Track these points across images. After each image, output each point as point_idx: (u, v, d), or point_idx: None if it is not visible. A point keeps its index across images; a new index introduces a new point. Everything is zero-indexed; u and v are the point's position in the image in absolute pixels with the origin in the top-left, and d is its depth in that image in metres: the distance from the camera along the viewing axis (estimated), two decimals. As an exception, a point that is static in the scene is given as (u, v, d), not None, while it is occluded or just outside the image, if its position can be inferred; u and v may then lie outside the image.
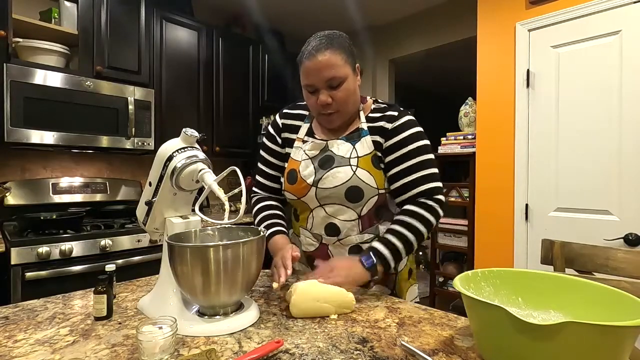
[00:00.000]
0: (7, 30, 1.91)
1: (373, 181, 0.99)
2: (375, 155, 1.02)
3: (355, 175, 0.99)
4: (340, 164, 1.01)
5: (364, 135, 1.03)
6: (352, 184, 0.99)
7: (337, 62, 0.96)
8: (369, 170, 1.00)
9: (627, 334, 0.52)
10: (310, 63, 0.96)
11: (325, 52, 0.95)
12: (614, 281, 0.97)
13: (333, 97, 0.98)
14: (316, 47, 0.96)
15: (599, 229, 1.94)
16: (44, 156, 2.38)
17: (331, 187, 1.00)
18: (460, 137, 2.69)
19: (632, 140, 1.85)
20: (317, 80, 0.97)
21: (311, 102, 1.02)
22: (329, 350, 0.66)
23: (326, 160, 1.03)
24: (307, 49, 0.98)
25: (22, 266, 1.73)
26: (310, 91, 1.00)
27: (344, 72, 0.97)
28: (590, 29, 1.97)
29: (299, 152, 1.08)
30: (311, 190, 1.03)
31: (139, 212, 0.93)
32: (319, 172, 1.02)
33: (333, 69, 0.96)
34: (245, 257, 0.75)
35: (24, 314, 0.83)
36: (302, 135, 1.10)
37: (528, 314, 0.72)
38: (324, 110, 1.00)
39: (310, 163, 1.05)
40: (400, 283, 1.08)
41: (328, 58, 0.95)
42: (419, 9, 3.31)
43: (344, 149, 1.03)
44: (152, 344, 0.61)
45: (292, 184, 1.07)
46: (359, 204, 1.01)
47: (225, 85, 2.98)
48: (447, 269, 2.87)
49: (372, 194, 1.00)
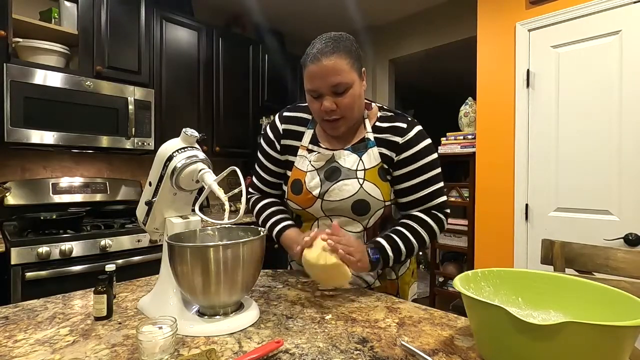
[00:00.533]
0: (7, 30, 1.91)
1: (379, 194, 0.98)
2: (381, 168, 1.00)
3: (362, 188, 0.97)
4: (347, 177, 0.99)
5: (371, 147, 1.00)
6: (358, 197, 0.97)
7: (343, 68, 0.91)
8: (376, 183, 0.98)
9: (627, 334, 0.52)
10: (315, 67, 0.92)
11: (331, 57, 0.91)
12: (614, 281, 0.97)
13: (338, 103, 0.94)
14: (322, 50, 0.91)
15: (599, 229, 1.94)
16: (44, 156, 2.38)
17: (338, 199, 0.98)
18: (460, 137, 2.69)
19: (632, 140, 1.85)
20: (321, 86, 0.93)
21: (315, 107, 0.98)
22: (329, 350, 0.66)
23: (332, 171, 1.01)
24: (312, 52, 0.93)
25: (22, 266, 1.73)
26: (314, 96, 0.96)
27: (350, 77, 0.93)
28: (590, 29, 1.97)
29: (304, 162, 1.05)
30: (317, 202, 1.01)
31: (139, 212, 0.93)
32: (325, 184, 1.00)
33: (339, 75, 0.91)
34: (245, 257, 0.75)
35: (24, 314, 0.83)
36: (307, 144, 1.06)
37: (528, 314, 0.72)
38: (328, 117, 0.96)
39: (316, 174, 1.02)
40: (403, 286, 1.09)
41: (334, 63, 0.91)
42: (419, 9, 3.31)
43: (351, 161, 1.00)
44: (152, 344, 0.61)
45: (296, 194, 1.04)
46: (365, 217, 0.99)
47: (225, 85, 2.98)
48: (447, 269, 2.87)
49: (379, 206, 0.99)
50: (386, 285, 1.06)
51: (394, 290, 1.07)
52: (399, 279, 1.07)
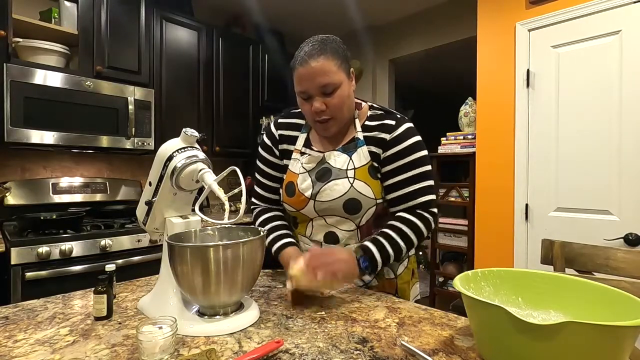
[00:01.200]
0: (7, 30, 1.91)
1: (370, 192, 0.99)
2: (371, 166, 1.01)
3: (352, 187, 0.98)
4: (337, 177, 1.00)
5: (360, 146, 1.02)
6: (349, 197, 0.98)
7: (330, 69, 0.93)
8: (366, 181, 0.99)
9: (627, 334, 0.52)
10: (303, 70, 0.94)
11: (319, 59, 0.93)
12: (614, 281, 0.97)
13: (327, 103, 0.96)
14: (309, 52, 0.93)
15: (599, 229, 1.94)
16: (44, 156, 2.38)
17: (329, 199, 0.99)
18: (460, 137, 2.69)
19: (632, 140, 1.85)
20: (310, 87, 0.95)
21: (305, 109, 1.00)
22: (329, 350, 0.66)
23: (323, 172, 1.02)
24: (300, 55, 0.95)
25: (22, 266, 1.72)
26: (304, 98, 0.98)
27: (337, 78, 0.94)
28: (590, 29, 1.97)
29: (297, 164, 1.07)
30: (309, 203, 1.02)
31: (139, 212, 0.93)
32: (317, 185, 1.01)
33: (327, 76, 0.93)
34: (245, 257, 0.75)
35: (24, 314, 0.83)
36: (300, 147, 1.09)
37: (528, 314, 0.72)
38: (318, 117, 0.98)
39: (307, 176, 1.04)
40: (402, 285, 1.08)
41: (322, 65, 0.92)
42: (419, 9, 3.31)
43: (341, 161, 1.02)
44: (152, 344, 0.61)
45: (290, 196, 1.06)
46: (357, 216, 1.00)
47: (225, 85, 2.98)
48: (447, 269, 2.87)
49: (370, 204, 0.99)
50: (384, 284, 1.06)
51: (393, 289, 1.07)
52: (397, 278, 1.07)
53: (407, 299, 1.08)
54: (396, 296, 1.04)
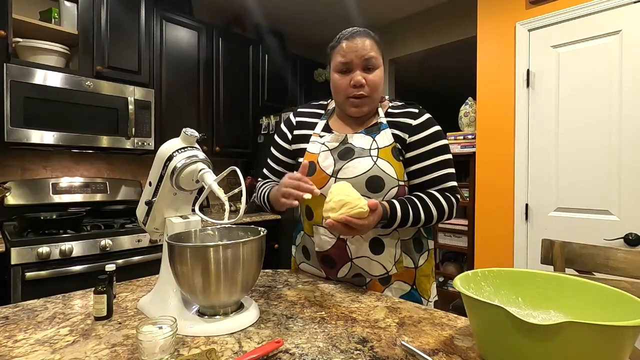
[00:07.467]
0: (7, 30, 1.91)
1: (393, 172, 0.99)
2: (395, 147, 1.02)
3: (376, 165, 0.99)
4: (360, 155, 1.01)
5: (384, 128, 1.04)
6: (373, 174, 0.98)
7: (374, 48, 1.01)
8: (389, 161, 1.00)
9: (627, 334, 0.52)
10: (350, 43, 1.00)
11: (365, 38, 1.01)
12: (614, 281, 0.97)
13: (366, 79, 1.00)
14: (355, 32, 1.02)
15: (599, 228, 1.94)
16: (44, 156, 2.38)
17: (352, 177, 0.99)
18: (460, 137, 2.69)
19: (632, 140, 1.85)
20: (355, 57, 1.00)
21: (343, 82, 1.02)
22: (329, 350, 0.66)
23: (346, 151, 1.03)
24: (344, 34, 1.03)
25: (22, 266, 1.73)
26: (344, 70, 1.02)
27: (379, 59, 1.02)
28: (590, 29, 1.97)
29: (317, 145, 1.08)
30: (330, 180, 1.01)
31: (139, 212, 0.93)
32: (339, 162, 1.02)
33: (372, 51, 1.00)
34: (245, 257, 0.75)
35: (24, 314, 0.83)
36: (319, 131, 1.10)
37: (528, 314, 0.72)
38: (356, 92, 1.01)
39: (329, 154, 1.04)
40: (421, 278, 1.06)
41: (367, 42, 1.01)
42: (419, 9, 3.31)
43: (364, 142, 1.03)
44: (152, 344, 0.61)
45: (309, 176, 1.04)
46: (380, 194, 0.99)
47: (225, 85, 2.98)
48: (447, 269, 2.87)
49: (393, 184, 0.99)
50: (402, 272, 1.04)
51: (411, 280, 1.05)
52: (417, 269, 1.05)
53: (426, 294, 1.06)
54: (413, 287, 1.04)
